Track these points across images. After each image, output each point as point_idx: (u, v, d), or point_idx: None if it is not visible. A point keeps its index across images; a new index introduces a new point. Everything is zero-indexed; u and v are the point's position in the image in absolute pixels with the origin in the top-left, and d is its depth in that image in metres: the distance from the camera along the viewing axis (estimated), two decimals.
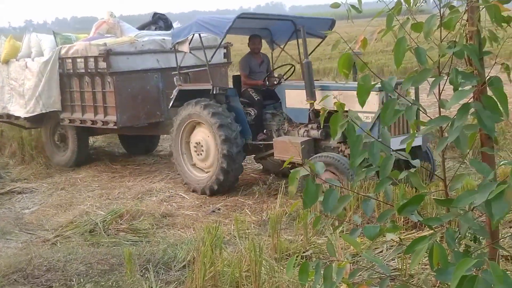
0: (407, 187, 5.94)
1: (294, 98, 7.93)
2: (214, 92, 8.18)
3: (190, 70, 9.21)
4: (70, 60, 9.84)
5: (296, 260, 5.19)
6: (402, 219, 5.62)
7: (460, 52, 2.39)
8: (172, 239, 6.32)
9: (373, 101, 6.71)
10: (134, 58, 9.52)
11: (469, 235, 2.70)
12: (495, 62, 2.68)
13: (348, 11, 2.87)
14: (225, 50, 10.77)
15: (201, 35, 8.42)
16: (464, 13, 2.50)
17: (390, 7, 2.73)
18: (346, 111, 2.56)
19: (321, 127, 7.57)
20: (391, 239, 2.69)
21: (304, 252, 5.47)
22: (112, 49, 9.27)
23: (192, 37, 8.38)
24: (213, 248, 5.01)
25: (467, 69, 2.44)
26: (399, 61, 2.38)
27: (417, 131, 3.11)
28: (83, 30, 11.45)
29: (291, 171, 2.51)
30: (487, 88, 2.46)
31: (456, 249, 2.22)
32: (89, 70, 9.53)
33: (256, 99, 8.52)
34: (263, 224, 6.58)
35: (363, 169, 2.57)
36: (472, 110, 2.33)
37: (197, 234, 6.00)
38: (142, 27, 11.11)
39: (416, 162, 2.63)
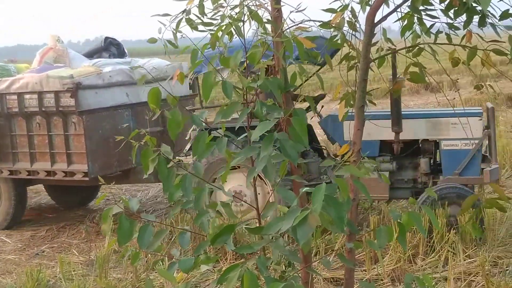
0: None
1: None
2: None
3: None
4: (14, 97, 7.71)
5: None
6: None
7: (264, 85, 2.50)
8: None
9: (476, 127, 6.21)
10: (102, 92, 7.68)
11: (284, 261, 2.80)
12: (300, 95, 2.85)
13: (165, 47, 2.91)
14: (190, 81, 8.44)
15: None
16: (266, 48, 2.61)
17: (204, 42, 2.81)
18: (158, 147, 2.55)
19: (393, 159, 6.72)
20: (207, 269, 2.72)
21: None
22: (81, 82, 7.41)
23: None
24: None
25: (269, 101, 2.55)
26: (207, 94, 2.43)
27: None
28: None
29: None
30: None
31: (267, 275, 2.28)
32: (43, 109, 7.54)
33: None
34: (91, 264, 6.34)
35: (178, 202, 2.58)
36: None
37: (19, 280, 5.64)
38: (90, 54, 8.94)
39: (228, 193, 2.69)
